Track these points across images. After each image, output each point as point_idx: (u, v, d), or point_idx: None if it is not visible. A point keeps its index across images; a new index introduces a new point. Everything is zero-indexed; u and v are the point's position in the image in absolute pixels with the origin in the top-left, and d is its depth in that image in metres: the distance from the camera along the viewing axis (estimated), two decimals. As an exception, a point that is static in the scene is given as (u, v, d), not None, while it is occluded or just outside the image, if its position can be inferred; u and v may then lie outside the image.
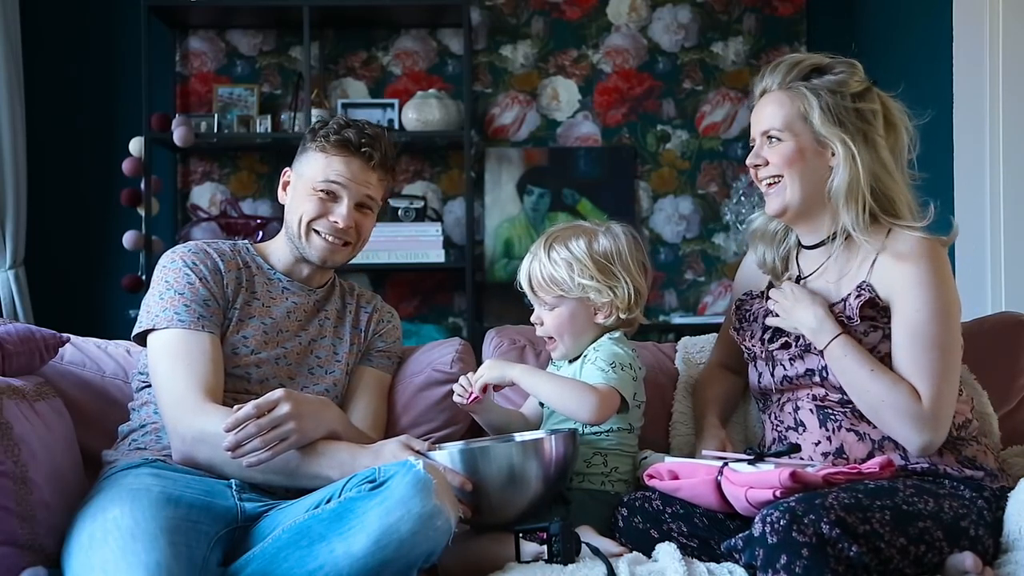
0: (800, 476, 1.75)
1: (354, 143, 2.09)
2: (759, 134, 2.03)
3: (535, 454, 1.89)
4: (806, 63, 2.01)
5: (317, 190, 2.09)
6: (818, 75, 2.00)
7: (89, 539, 1.71)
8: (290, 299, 2.13)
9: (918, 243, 1.93)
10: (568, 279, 2.06)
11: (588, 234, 2.09)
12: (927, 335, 1.89)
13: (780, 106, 2.00)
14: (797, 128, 1.98)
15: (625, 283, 2.06)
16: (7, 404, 1.86)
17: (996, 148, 3.30)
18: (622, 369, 2.02)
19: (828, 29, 4.46)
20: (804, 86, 1.99)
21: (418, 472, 1.68)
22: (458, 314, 4.43)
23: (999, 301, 3.27)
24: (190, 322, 1.99)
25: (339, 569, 1.65)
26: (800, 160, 1.98)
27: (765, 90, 2.04)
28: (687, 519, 1.90)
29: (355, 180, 2.10)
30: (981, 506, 1.85)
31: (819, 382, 1.96)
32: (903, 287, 1.91)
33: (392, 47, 4.45)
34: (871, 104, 1.98)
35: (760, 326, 2.07)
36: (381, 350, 2.24)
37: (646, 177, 4.48)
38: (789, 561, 1.63)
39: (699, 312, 4.45)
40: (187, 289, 2.02)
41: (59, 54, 4.32)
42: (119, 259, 4.25)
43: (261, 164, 4.44)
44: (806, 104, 1.98)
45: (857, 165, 1.94)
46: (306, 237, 2.11)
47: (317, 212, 2.09)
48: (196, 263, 2.06)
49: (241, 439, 1.80)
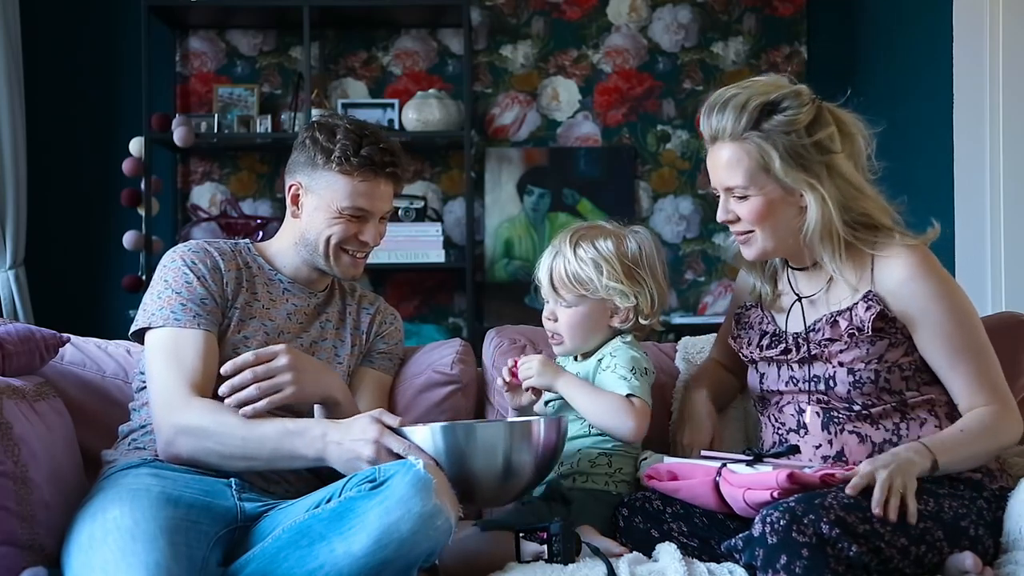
0: (798, 477, 1.75)
1: (378, 163, 2.05)
2: (722, 188, 1.97)
3: (520, 436, 1.85)
4: (752, 104, 1.90)
5: (344, 213, 2.05)
6: (767, 115, 1.91)
7: (89, 539, 1.71)
8: (291, 301, 2.13)
9: (911, 254, 1.92)
10: (595, 279, 2.04)
11: (615, 235, 2.08)
12: (962, 345, 1.92)
13: (738, 161, 1.91)
14: (761, 181, 1.92)
15: (649, 289, 2.06)
16: (7, 404, 1.86)
17: (996, 148, 3.30)
18: (643, 375, 2.03)
19: (828, 29, 4.46)
20: (757, 136, 1.90)
21: (418, 472, 1.68)
22: (458, 314, 4.43)
23: (999, 301, 3.27)
24: (185, 320, 1.99)
25: (339, 569, 1.65)
26: (771, 215, 1.94)
27: (716, 136, 1.95)
28: (687, 519, 1.90)
29: (381, 199, 2.09)
30: (981, 506, 1.85)
31: (824, 390, 1.96)
32: (920, 308, 1.91)
33: (392, 47, 4.45)
34: (826, 129, 1.92)
35: (757, 333, 2.07)
36: (382, 352, 2.23)
37: (646, 177, 4.48)
38: (789, 561, 1.63)
39: (699, 312, 4.45)
40: (184, 288, 2.02)
41: (59, 54, 4.32)
42: (119, 259, 4.25)
43: (261, 164, 4.44)
44: (765, 156, 1.90)
45: (828, 205, 1.90)
46: (334, 258, 2.09)
47: (344, 235, 2.07)
48: (195, 262, 2.05)
49: (237, 384, 1.84)
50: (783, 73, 2.07)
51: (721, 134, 1.94)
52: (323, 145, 2.06)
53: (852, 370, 1.93)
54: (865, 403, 1.94)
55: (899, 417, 1.94)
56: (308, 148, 2.08)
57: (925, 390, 1.96)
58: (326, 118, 2.14)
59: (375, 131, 2.10)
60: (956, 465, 1.85)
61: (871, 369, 1.93)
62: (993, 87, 3.30)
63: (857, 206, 1.95)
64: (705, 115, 1.96)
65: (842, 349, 1.93)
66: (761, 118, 1.91)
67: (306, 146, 2.08)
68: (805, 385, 1.98)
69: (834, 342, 1.94)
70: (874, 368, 1.93)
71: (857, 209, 1.95)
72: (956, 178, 3.38)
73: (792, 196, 1.93)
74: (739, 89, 1.94)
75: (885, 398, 1.94)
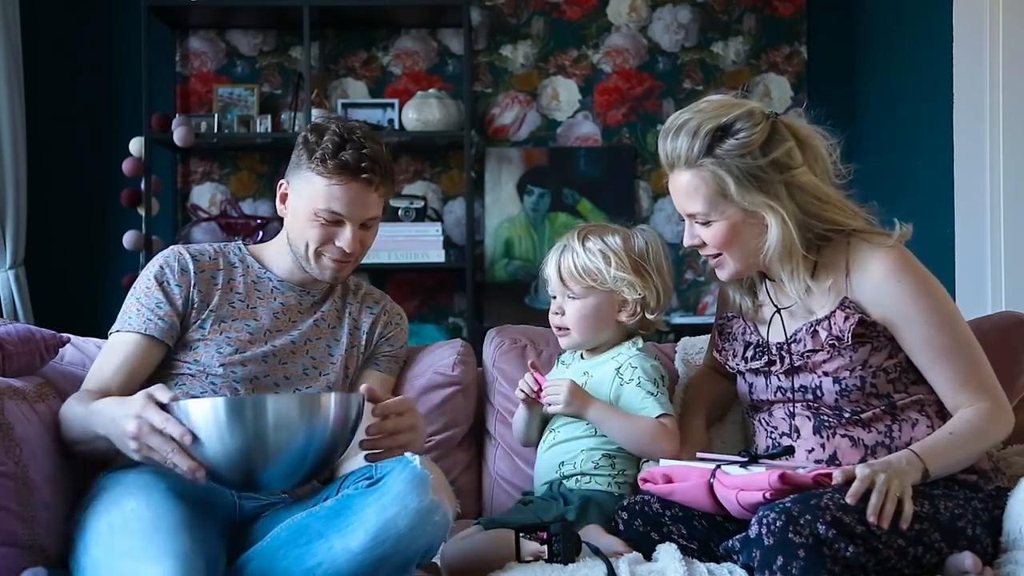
0: (789, 478, 1.75)
1: (352, 167, 2.01)
2: (685, 214, 1.97)
3: (301, 411, 1.70)
4: (703, 129, 1.88)
5: (319, 215, 2.04)
6: (719, 140, 1.88)
7: (108, 528, 1.71)
8: (278, 299, 2.12)
9: (886, 255, 1.91)
10: (604, 270, 2.07)
11: (623, 232, 2.11)
12: (943, 343, 1.90)
13: (696, 189, 1.91)
14: (721, 207, 1.91)
15: (655, 285, 2.09)
16: (7, 404, 1.86)
17: (996, 148, 3.30)
18: (663, 385, 2.07)
19: (828, 29, 4.46)
20: (711, 162, 1.89)
21: (415, 468, 1.69)
22: (458, 314, 4.43)
23: (999, 301, 3.27)
24: (136, 326, 2.02)
25: (337, 566, 1.65)
26: (735, 238, 1.93)
27: (672, 164, 1.94)
28: (686, 521, 1.89)
29: (356, 204, 2.04)
30: (976, 506, 1.85)
31: (812, 400, 1.95)
32: (898, 309, 1.90)
33: (392, 47, 4.45)
34: (782, 145, 1.91)
35: (741, 344, 2.06)
36: (388, 354, 2.22)
37: (646, 177, 4.48)
38: (785, 562, 1.63)
39: (699, 312, 4.45)
40: (143, 294, 2.05)
41: (59, 54, 4.32)
42: (119, 259, 4.25)
43: (261, 164, 4.44)
44: (720, 182, 1.88)
45: (788, 225, 1.89)
46: (315, 260, 2.08)
47: (322, 239, 2.06)
48: (163, 268, 2.07)
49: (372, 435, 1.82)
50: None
51: (677, 161, 1.93)
52: (310, 145, 2.05)
53: (837, 379, 1.92)
54: (854, 409, 1.93)
55: (890, 419, 1.93)
56: (299, 147, 2.08)
57: (913, 390, 1.95)
58: (324, 119, 2.13)
59: (365, 135, 2.05)
60: (948, 470, 1.85)
61: (856, 376, 1.92)
62: (993, 87, 3.29)
63: (825, 216, 1.93)
64: (661, 141, 1.95)
65: (825, 359, 1.93)
66: (714, 143, 1.89)
67: (298, 146, 2.09)
68: (793, 395, 1.98)
69: (816, 352, 1.93)
70: (859, 375, 1.92)
71: (825, 220, 1.94)
72: (956, 178, 3.38)
73: (754, 217, 1.92)
74: (692, 113, 1.93)
75: (874, 403, 1.93)
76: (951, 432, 1.87)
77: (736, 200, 1.90)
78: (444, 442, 2.29)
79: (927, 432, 1.91)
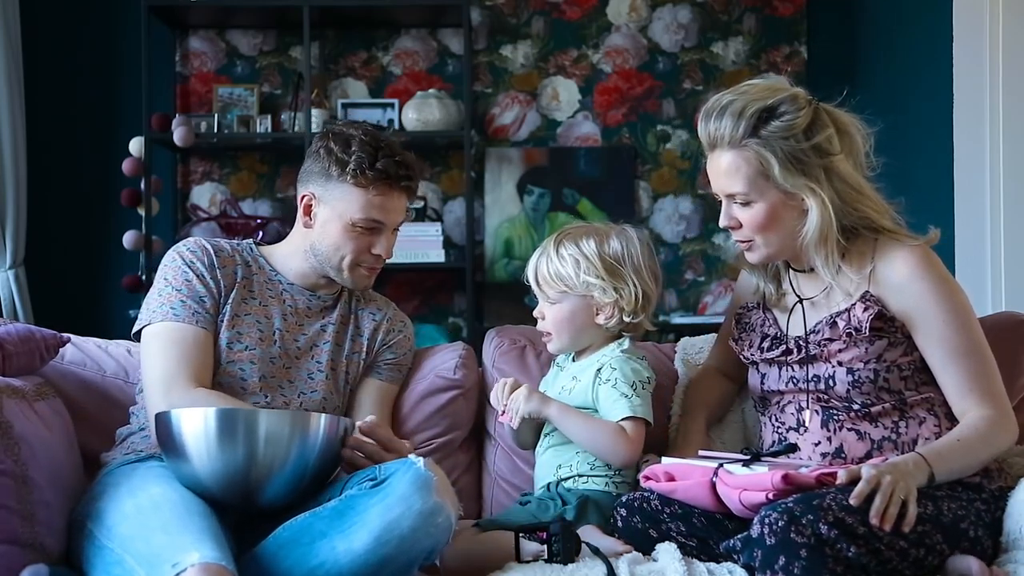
0: (792, 478, 1.75)
1: (393, 175, 2.04)
2: (723, 195, 1.97)
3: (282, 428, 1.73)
4: (750, 110, 1.89)
5: (357, 225, 2.05)
6: (765, 121, 1.89)
7: (136, 510, 1.71)
8: (287, 301, 2.12)
9: (911, 253, 1.93)
10: (573, 276, 2.06)
11: (600, 234, 2.09)
12: (957, 346, 1.91)
13: (738, 169, 1.91)
14: (762, 187, 1.92)
15: (633, 286, 2.06)
16: (7, 404, 1.86)
17: (996, 148, 3.30)
18: (643, 388, 2.04)
19: (828, 29, 4.46)
20: (756, 143, 1.90)
21: (419, 469, 1.69)
22: (458, 314, 4.43)
23: (999, 301, 3.27)
24: (184, 316, 2.00)
25: (340, 566, 1.65)
26: (773, 221, 1.94)
27: (714, 143, 1.95)
28: (686, 519, 1.89)
29: (395, 211, 2.09)
30: (979, 507, 1.85)
31: (823, 389, 1.96)
32: (919, 308, 1.91)
33: (392, 47, 4.45)
34: (824, 131, 1.92)
35: (759, 335, 2.07)
36: (390, 362, 2.21)
37: (646, 177, 4.49)
38: (787, 562, 1.63)
39: (699, 312, 4.45)
40: (184, 286, 2.03)
41: (59, 54, 4.33)
42: (119, 259, 4.25)
43: (261, 164, 4.44)
44: (764, 162, 1.89)
45: (828, 209, 1.90)
46: (349, 271, 2.09)
47: (360, 249, 2.07)
48: (194, 260, 2.06)
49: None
50: (784, 73, 2.07)
51: (719, 141, 1.93)
52: (338, 156, 2.04)
53: (851, 369, 1.94)
54: (864, 402, 1.94)
55: (898, 416, 1.94)
56: (322, 158, 2.06)
57: (924, 389, 1.96)
58: (340, 127, 2.11)
59: (390, 143, 2.08)
60: (952, 475, 1.85)
61: (870, 368, 1.93)
62: (993, 87, 3.30)
63: (857, 207, 1.95)
64: (703, 121, 1.96)
65: (841, 348, 1.94)
66: (759, 124, 1.90)
67: (320, 156, 2.06)
68: (805, 384, 1.98)
69: (832, 341, 1.94)
70: (873, 367, 1.93)
71: (857, 211, 1.95)
72: (956, 178, 3.38)
73: (793, 200, 1.93)
74: (736, 95, 1.94)
75: (884, 397, 1.94)
76: (959, 438, 1.87)
77: (778, 182, 1.91)
78: (445, 445, 2.29)
79: (934, 431, 1.92)
